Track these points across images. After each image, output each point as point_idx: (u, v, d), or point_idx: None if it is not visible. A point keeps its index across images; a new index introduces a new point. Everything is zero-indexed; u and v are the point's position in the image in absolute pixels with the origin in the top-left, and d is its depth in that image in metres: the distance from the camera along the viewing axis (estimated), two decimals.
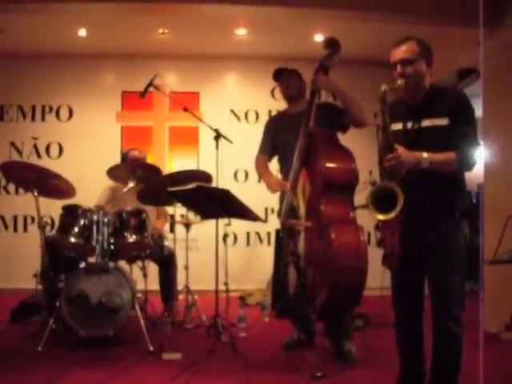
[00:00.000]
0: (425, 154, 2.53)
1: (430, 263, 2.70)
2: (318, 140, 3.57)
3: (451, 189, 2.68)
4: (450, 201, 2.68)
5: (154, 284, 4.92)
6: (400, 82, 2.61)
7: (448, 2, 4.77)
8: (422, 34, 2.72)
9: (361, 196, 3.24)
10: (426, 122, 2.66)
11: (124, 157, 5.33)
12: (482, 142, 2.68)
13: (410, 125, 2.69)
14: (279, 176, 4.11)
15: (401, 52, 2.65)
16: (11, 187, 6.74)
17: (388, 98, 2.64)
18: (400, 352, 2.87)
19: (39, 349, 3.81)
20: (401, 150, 2.53)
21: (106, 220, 4.21)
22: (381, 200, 2.50)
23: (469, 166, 2.62)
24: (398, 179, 2.52)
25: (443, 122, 2.61)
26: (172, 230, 5.15)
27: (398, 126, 2.72)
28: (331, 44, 3.61)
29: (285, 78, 4.08)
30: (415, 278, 2.75)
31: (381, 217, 2.50)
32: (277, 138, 4.11)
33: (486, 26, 4.86)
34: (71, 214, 4.23)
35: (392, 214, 2.46)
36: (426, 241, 2.68)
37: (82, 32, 6.12)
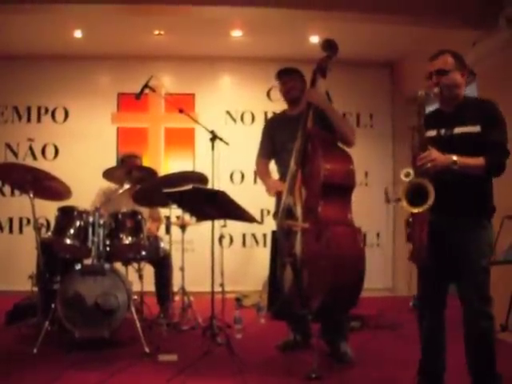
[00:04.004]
0: (454, 157, 2.69)
1: (455, 260, 2.82)
2: (316, 141, 3.57)
3: (479, 190, 2.81)
4: (477, 202, 2.81)
5: (149, 286, 4.93)
6: (436, 90, 2.81)
7: (444, 3, 4.78)
8: (418, 35, 2.76)
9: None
10: (458, 129, 2.82)
11: (121, 161, 5.32)
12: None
13: (443, 131, 2.87)
14: (277, 176, 4.11)
15: (437, 63, 2.85)
16: (6, 189, 6.72)
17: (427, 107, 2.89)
18: (422, 344, 2.97)
19: (35, 351, 3.79)
20: (433, 150, 2.71)
21: (101, 221, 4.20)
22: (413, 195, 2.69)
23: (496, 172, 2.78)
24: (429, 177, 2.68)
25: (475, 129, 2.77)
26: (168, 231, 5.14)
27: (432, 133, 2.90)
28: (329, 46, 3.61)
29: (288, 78, 4.03)
30: (441, 274, 2.86)
31: (414, 210, 2.68)
32: (276, 140, 4.09)
33: (481, 27, 4.89)
34: (67, 215, 4.22)
35: (424, 207, 2.63)
36: (451, 238, 2.81)
37: (78, 33, 6.11)
